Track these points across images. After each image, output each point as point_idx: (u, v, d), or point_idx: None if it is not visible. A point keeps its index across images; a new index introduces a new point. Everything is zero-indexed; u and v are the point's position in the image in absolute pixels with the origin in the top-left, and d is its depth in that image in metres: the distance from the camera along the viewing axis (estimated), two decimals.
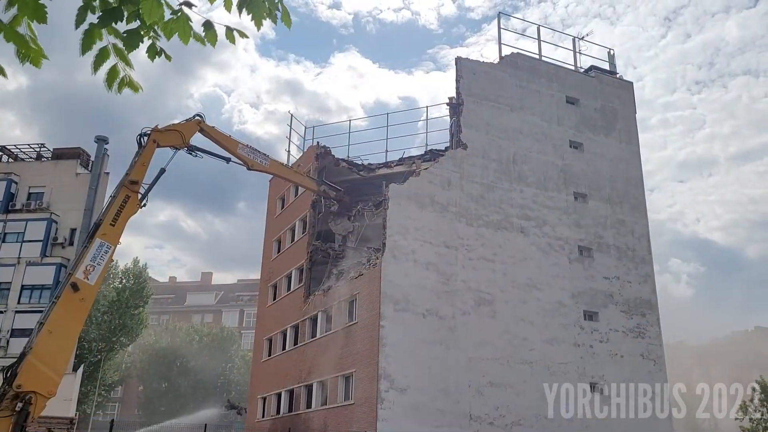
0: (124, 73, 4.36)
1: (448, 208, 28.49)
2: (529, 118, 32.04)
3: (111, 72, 4.31)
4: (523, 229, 29.81)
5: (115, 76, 4.33)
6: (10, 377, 15.71)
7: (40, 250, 34.18)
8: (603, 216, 32.22)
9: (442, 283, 27.09)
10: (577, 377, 28.34)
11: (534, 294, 28.83)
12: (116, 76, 4.33)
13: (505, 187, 30.21)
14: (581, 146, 33.03)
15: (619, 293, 30.99)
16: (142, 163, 18.70)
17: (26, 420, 16.14)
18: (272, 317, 35.90)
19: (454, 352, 26.27)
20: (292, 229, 35.38)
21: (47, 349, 15.60)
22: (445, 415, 25.04)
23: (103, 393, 51.88)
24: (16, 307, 33.26)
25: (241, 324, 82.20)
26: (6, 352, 31.71)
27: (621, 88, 35.82)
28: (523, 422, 26.39)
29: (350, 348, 26.86)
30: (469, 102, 30.66)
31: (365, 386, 25.10)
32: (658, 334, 31.30)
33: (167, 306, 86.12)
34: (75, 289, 16.04)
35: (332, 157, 33.59)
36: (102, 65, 4.21)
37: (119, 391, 70.43)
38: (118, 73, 4.34)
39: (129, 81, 4.42)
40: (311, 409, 28.93)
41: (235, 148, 23.69)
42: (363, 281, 27.34)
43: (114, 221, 17.14)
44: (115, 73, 4.32)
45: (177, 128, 20.37)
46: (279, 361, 33.86)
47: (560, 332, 28.77)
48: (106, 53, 4.20)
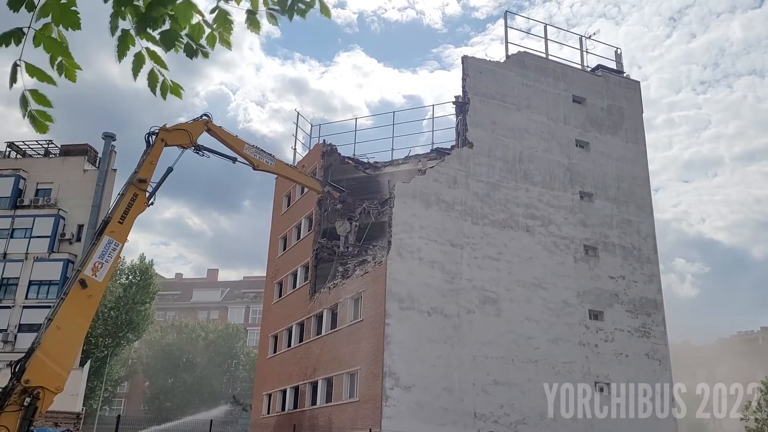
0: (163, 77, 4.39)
1: (453, 207, 28.53)
2: (535, 117, 32.02)
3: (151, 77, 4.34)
4: (528, 228, 29.82)
5: (156, 80, 4.37)
6: (18, 372, 15.85)
7: (47, 245, 34.37)
8: (609, 215, 32.18)
9: (447, 282, 27.14)
10: (582, 376, 28.36)
11: (539, 293, 28.84)
12: (156, 80, 4.37)
13: (510, 186, 30.21)
14: (587, 145, 33.00)
15: (625, 293, 30.97)
16: (150, 162, 18.83)
17: (34, 414, 16.28)
18: (278, 314, 36.02)
19: (459, 350, 26.32)
20: (297, 227, 35.48)
21: (55, 345, 15.74)
22: (450, 413, 25.10)
23: (110, 388, 52.19)
24: (24, 302, 33.47)
25: (246, 321, 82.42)
26: (14, 347, 31.94)
27: (628, 87, 35.74)
28: (527, 421, 26.42)
29: (355, 345, 26.94)
30: (475, 101, 30.66)
31: (370, 384, 25.18)
32: (663, 333, 31.27)
33: (173, 302, 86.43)
34: (83, 286, 16.18)
35: (338, 155, 33.68)
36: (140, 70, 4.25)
37: (125, 386, 70.79)
38: (158, 77, 4.37)
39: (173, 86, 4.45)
40: (316, 406, 29.03)
41: (241, 148, 23.80)
42: (368, 279, 27.41)
43: (122, 219, 17.28)
44: (155, 78, 4.36)
45: (185, 128, 20.49)
46: (284, 358, 33.98)
47: (565, 331, 28.78)
48: (141, 58, 4.24)
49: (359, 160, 33.89)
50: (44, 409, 16.63)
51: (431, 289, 26.68)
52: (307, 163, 36.02)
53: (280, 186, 38.72)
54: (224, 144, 23.14)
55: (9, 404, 15.85)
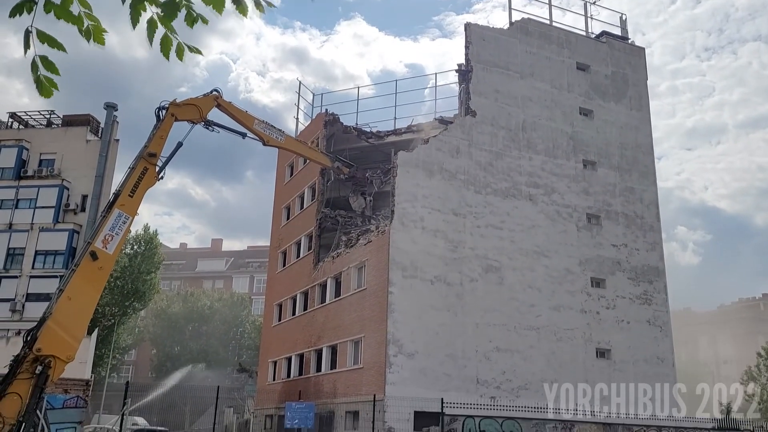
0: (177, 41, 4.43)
1: (456, 176, 28.56)
2: (538, 84, 31.83)
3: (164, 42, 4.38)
4: (531, 196, 29.88)
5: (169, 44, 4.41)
6: (30, 341, 16.13)
7: (52, 216, 34.52)
8: (612, 183, 32.21)
9: (450, 250, 27.32)
10: (583, 343, 28.71)
11: (541, 261, 29.04)
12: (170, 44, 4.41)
13: (513, 155, 30.19)
14: (591, 113, 32.86)
15: (627, 260, 31.16)
16: (161, 137, 18.87)
17: (45, 382, 16.62)
18: (282, 283, 36.35)
19: (462, 318, 26.62)
20: (301, 197, 35.59)
21: (66, 315, 16.00)
22: (453, 380, 25.51)
23: (117, 356, 52.95)
24: (31, 272, 33.75)
25: (251, 290, 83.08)
26: (22, 316, 32.34)
27: (632, 54, 35.42)
28: (529, 386, 26.85)
29: (359, 313, 27.26)
30: (478, 69, 30.46)
31: (374, 351, 25.55)
32: (664, 300, 31.54)
33: (178, 272, 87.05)
34: (94, 258, 16.37)
35: (340, 125, 33.61)
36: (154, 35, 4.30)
37: (133, 354, 71.78)
38: (171, 41, 4.42)
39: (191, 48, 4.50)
40: (321, 373, 29.50)
41: (251, 124, 23.81)
42: (372, 248, 27.61)
43: (132, 192, 17.41)
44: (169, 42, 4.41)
45: (195, 102, 20.50)
46: (289, 326, 34.41)
47: (567, 299, 29.05)
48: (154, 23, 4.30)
49: (362, 130, 33.82)
50: (55, 378, 16.96)
51: (434, 257, 26.88)
52: (309, 132, 35.96)
53: (282, 156, 38.72)
54: (234, 119, 23.13)
55: (21, 372, 16.18)
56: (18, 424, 16.07)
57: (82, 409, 21.52)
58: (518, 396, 26.11)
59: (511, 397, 25.86)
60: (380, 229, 27.81)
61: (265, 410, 34.21)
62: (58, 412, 20.22)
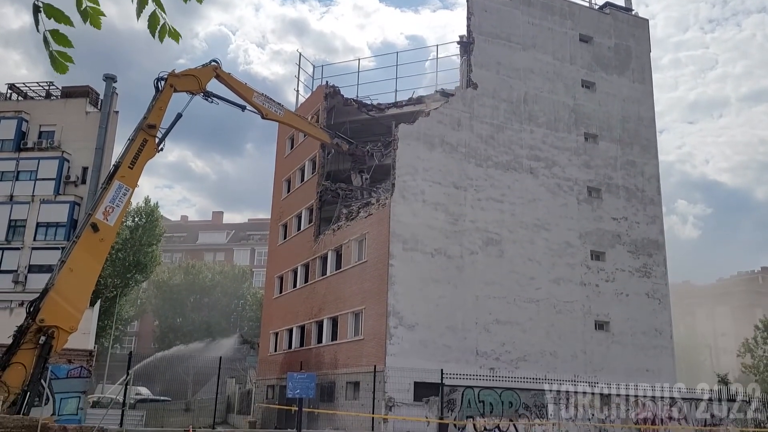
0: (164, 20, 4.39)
1: (457, 149, 28.49)
2: (540, 56, 31.57)
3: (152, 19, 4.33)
4: (532, 169, 29.84)
5: (156, 23, 4.37)
6: (33, 312, 16.28)
7: (53, 188, 34.52)
8: (613, 157, 32.13)
9: (450, 223, 27.37)
10: (582, 315, 28.93)
11: (542, 234, 29.12)
12: (157, 23, 4.37)
13: (515, 128, 30.08)
14: (593, 86, 32.65)
15: (627, 234, 31.23)
16: (160, 108, 18.81)
17: (49, 353, 16.82)
18: (283, 256, 36.50)
19: (462, 290, 26.78)
20: (301, 169, 35.54)
21: (68, 287, 16.12)
22: (452, 351, 25.76)
23: (120, 327, 53.36)
24: (33, 243, 33.87)
25: (252, 262, 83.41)
26: (24, 288, 32.54)
27: (636, 25, 35.07)
28: (528, 358, 27.12)
29: (360, 286, 27.42)
30: (479, 40, 30.19)
31: (374, 323, 25.76)
32: (664, 273, 31.69)
33: (179, 244, 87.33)
34: (95, 230, 16.46)
35: (341, 97, 33.43)
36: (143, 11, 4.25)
37: (135, 325, 72.40)
38: (159, 20, 4.37)
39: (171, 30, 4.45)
40: (322, 344, 29.78)
41: (250, 96, 23.70)
42: (372, 221, 27.66)
43: (132, 164, 17.42)
44: (156, 20, 4.36)
45: (193, 73, 20.40)
46: (290, 298, 34.63)
47: (567, 272, 29.19)
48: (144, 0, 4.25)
49: (362, 102, 33.64)
50: (59, 348, 17.16)
51: (435, 230, 26.95)
52: (309, 105, 35.79)
53: (283, 129, 38.58)
54: (233, 91, 23.01)
55: (25, 342, 16.36)
56: (23, 393, 16.29)
57: (85, 379, 21.78)
58: (517, 367, 26.38)
59: (510, 368, 26.13)
60: (381, 202, 27.83)
61: (266, 380, 34.62)
62: (62, 382, 20.47)
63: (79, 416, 20.62)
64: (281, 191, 38.24)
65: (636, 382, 27.06)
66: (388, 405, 23.34)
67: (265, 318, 38.40)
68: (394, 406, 23.30)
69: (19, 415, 15.85)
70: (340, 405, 26.08)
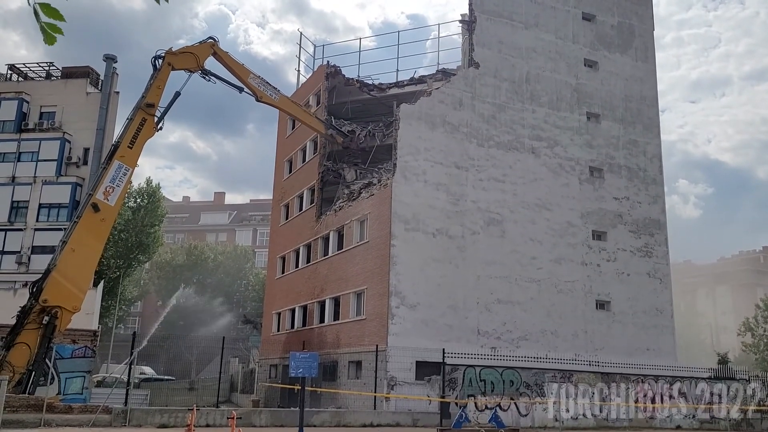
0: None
1: (459, 129, 28.40)
2: (543, 35, 31.34)
3: None
4: (534, 149, 29.77)
5: None
6: (36, 292, 16.38)
7: (55, 169, 34.52)
8: (615, 136, 32.02)
9: (452, 203, 27.38)
10: (584, 294, 29.03)
11: (543, 214, 29.12)
12: None
13: (517, 107, 29.95)
14: (596, 65, 32.45)
15: (629, 213, 31.23)
16: (158, 86, 18.75)
17: (53, 332, 16.95)
18: (285, 236, 36.58)
19: (463, 270, 26.86)
20: (303, 150, 35.48)
21: (71, 267, 16.20)
22: (454, 330, 25.90)
23: (124, 308, 53.62)
24: (35, 225, 33.95)
25: (254, 243, 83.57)
26: (28, 269, 32.69)
27: (639, 3, 34.73)
28: (529, 337, 27.28)
29: (362, 266, 27.50)
30: (481, 19, 29.95)
31: (376, 302, 25.88)
32: (665, 253, 31.73)
33: (181, 225, 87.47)
34: (96, 210, 16.50)
35: (342, 77, 33.25)
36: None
37: (138, 306, 72.72)
38: None
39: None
40: (324, 324, 29.95)
41: (246, 77, 23.62)
42: (374, 201, 27.67)
43: (131, 144, 17.40)
44: None
45: (191, 50, 20.30)
46: (292, 278, 34.77)
47: (568, 251, 29.24)
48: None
49: (364, 82, 33.47)
50: (63, 328, 17.29)
51: (436, 210, 26.96)
52: (311, 85, 35.62)
53: None
54: (230, 71, 22.93)
55: (29, 322, 16.48)
56: (28, 373, 16.44)
57: (90, 358, 21.97)
58: (518, 346, 26.54)
59: (511, 347, 26.29)
60: (382, 183, 27.81)
61: (269, 360, 34.88)
62: (67, 362, 20.64)
63: (84, 395, 20.83)
64: (283, 172, 38.21)
65: (636, 361, 27.27)
66: (390, 384, 23.54)
67: (268, 298, 38.58)
68: (395, 385, 23.50)
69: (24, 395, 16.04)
70: (343, 384, 26.30)
